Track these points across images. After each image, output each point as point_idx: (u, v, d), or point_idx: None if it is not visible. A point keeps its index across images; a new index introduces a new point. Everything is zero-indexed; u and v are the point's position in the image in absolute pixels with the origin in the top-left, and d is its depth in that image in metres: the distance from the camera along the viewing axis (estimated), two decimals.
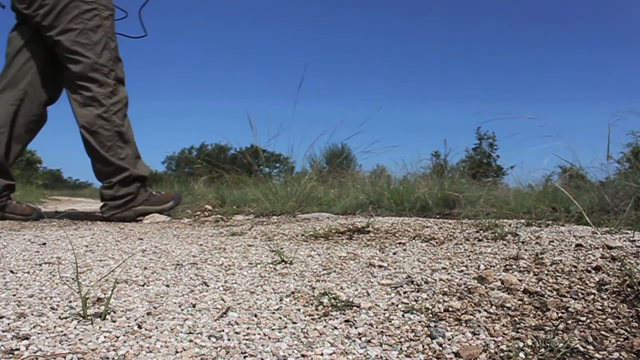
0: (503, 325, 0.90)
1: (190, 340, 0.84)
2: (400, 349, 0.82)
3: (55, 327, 0.89)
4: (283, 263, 1.41)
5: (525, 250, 1.41)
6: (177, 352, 0.79)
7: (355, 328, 0.90)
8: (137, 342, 0.82)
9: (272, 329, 0.90)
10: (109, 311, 0.97)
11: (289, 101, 3.87)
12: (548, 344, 0.80)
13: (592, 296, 1.02)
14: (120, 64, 2.54)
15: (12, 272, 1.35)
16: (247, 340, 0.84)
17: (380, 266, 1.34)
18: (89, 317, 0.93)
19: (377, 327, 0.90)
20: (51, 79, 2.56)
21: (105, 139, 2.53)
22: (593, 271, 1.16)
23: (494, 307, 0.99)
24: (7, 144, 2.53)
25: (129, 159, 2.64)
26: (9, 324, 0.91)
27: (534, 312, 0.96)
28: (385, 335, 0.87)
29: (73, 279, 1.26)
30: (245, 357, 0.78)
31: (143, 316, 0.96)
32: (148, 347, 0.80)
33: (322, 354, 0.79)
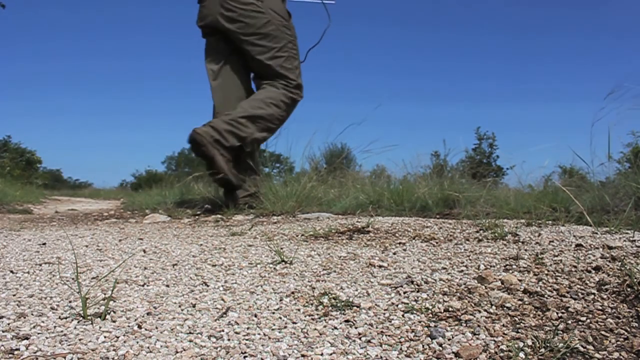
0: (503, 325, 0.90)
1: (190, 340, 0.84)
2: (400, 349, 0.82)
3: (55, 327, 0.89)
4: (283, 263, 1.41)
5: (525, 250, 1.41)
6: (177, 352, 0.79)
7: (355, 328, 0.90)
8: (137, 342, 0.82)
9: (272, 329, 0.90)
10: (109, 311, 0.97)
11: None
12: (548, 344, 0.80)
13: (592, 296, 1.02)
14: None
15: (12, 272, 1.35)
16: (247, 340, 0.85)
17: (380, 266, 1.34)
18: (89, 317, 0.93)
19: (377, 327, 0.90)
20: (249, 91, 2.86)
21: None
22: (593, 271, 1.16)
23: (494, 307, 0.99)
24: None
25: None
26: (9, 324, 0.91)
27: (534, 312, 0.96)
28: (385, 335, 0.87)
29: (73, 279, 1.26)
30: (245, 357, 0.78)
31: (143, 316, 0.96)
32: (148, 347, 0.80)
33: (322, 354, 0.79)
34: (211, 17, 2.56)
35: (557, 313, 0.95)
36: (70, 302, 1.05)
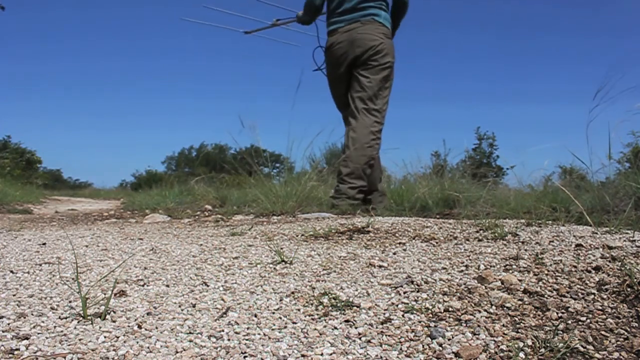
0: (503, 325, 0.90)
1: (190, 340, 0.84)
2: (400, 349, 0.82)
3: (55, 327, 0.89)
4: (283, 263, 1.41)
5: (525, 250, 1.41)
6: (177, 352, 0.79)
7: (355, 328, 0.90)
8: (137, 342, 0.82)
9: (272, 329, 0.90)
10: (109, 311, 0.97)
11: (289, 100, 3.89)
12: (548, 344, 0.80)
13: (592, 296, 1.02)
14: None
15: (12, 272, 1.35)
16: (247, 340, 0.85)
17: (380, 266, 1.34)
18: (89, 317, 0.93)
19: (377, 327, 0.90)
20: None
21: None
22: (593, 271, 1.16)
23: (494, 307, 0.99)
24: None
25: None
26: (9, 324, 0.91)
27: (534, 312, 0.96)
28: (385, 335, 0.87)
29: (73, 279, 1.26)
30: (245, 357, 0.78)
31: (143, 316, 0.96)
32: (148, 347, 0.80)
33: (322, 354, 0.79)
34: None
35: (557, 313, 0.95)
36: (70, 302, 1.05)
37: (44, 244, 1.88)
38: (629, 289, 1.02)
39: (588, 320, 0.91)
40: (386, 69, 2.58)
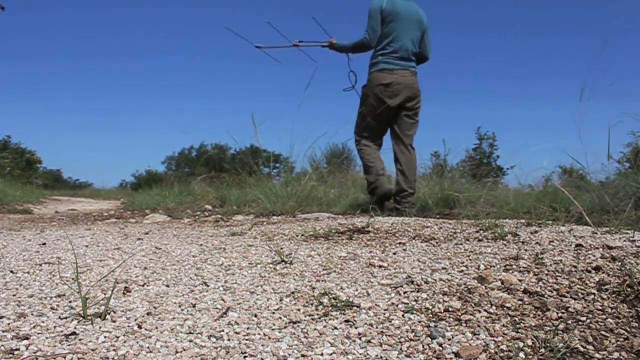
0: (503, 325, 0.90)
1: (190, 340, 0.84)
2: (400, 349, 0.82)
3: (55, 327, 0.89)
4: (283, 263, 1.41)
5: (525, 250, 1.41)
6: (177, 352, 0.79)
7: (355, 328, 0.90)
8: (137, 342, 0.82)
9: (272, 329, 0.90)
10: (109, 311, 0.97)
11: (288, 100, 3.91)
12: (548, 344, 0.80)
13: (592, 296, 1.02)
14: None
15: (12, 272, 1.35)
16: (247, 340, 0.85)
17: (380, 266, 1.34)
18: (89, 317, 0.93)
19: (377, 327, 0.90)
20: None
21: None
22: (593, 271, 1.16)
23: (494, 307, 0.99)
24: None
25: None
26: (9, 324, 0.91)
27: (534, 312, 0.96)
28: (385, 335, 0.87)
29: (73, 279, 1.26)
30: (245, 357, 0.78)
31: (143, 316, 0.96)
32: (148, 347, 0.80)
33: (322, 354, 0.79)
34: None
35: (557, 313, 0.95)
36: (70, 302, 1.05)
37: (44, 244, 1.88)
38: (629, 289, 1.02)
39: (588, 320, 0.91)
40: (419, 114, 3.22)
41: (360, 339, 0.85)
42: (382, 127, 3.13)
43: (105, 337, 0.84)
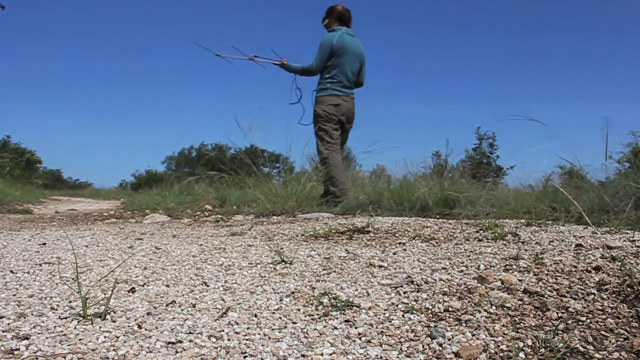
0: (503, 325, 0.90)
1: (190, 340, 0.84)
2: (400, 349, 0.82)
3: (55, 327, 0.89)
4: (283, 263, 1.41)
5: (525, 250, 1.41)
6: (177, 352, 0.79)
7: (355, 328, 0.90)
8: (137, 342, 0.82)
9: (272, 329, 0.90)
10: (109, 311, 0.97)
11: (287, 99, 3.97)
12: (548, 344, 0.80)
13: (592, 296, 1.02)
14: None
15: (12, 272, 1.35)
16: (247, 340, 0.85)
17: (380, 266, 1.34)
18: (89, 317, 0.93)
19: (377, 327, 0.90)
20: None
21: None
22: (593, 271, 1.16)
23: (494, 307, 0.99)
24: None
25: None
26: (9, 324, 0.91)
27: (534, 312, 0.96)
28: (385, 335, 0.87)
29: (73, 279, 1.26)
30: (245, 357, 0.78)
31: (143, 316, 0.96)
32: (148, 347, 0.80)
33: (322, 354, 0.79)
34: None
35: (557, 313, 0.95)
36: (70, 302, 1.05)
37: (44, 244, 1.88)
38: (629, 289, 1.02)
39: (588, 320, 0.91)
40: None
41: (360, 339, 0.86)
42: (339, 139, 3.63)
43: (105, 337, 0.84)
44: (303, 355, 0.78)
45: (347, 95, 3.62)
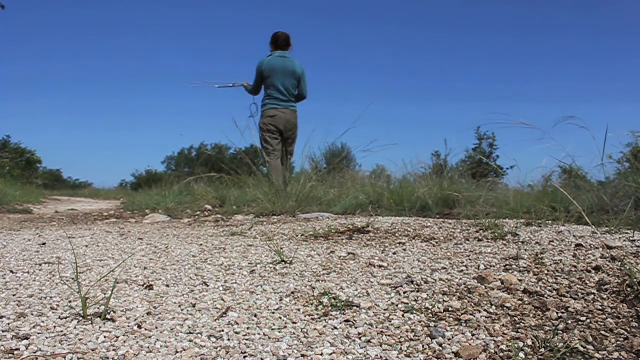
0: (503, 325, 0.90)
1: (190, 340, 0.84)
2: (400, 349, 0.82)
3: (55, 327, 0.89)
4: (283, 263, 1.41)
5: (525, 250, 1.41)
6: (177, 352, 0.79)
7: (355, 328, 0.90)
8: (137, 342, 0.82)
9: (272, 329, 0.90)
10: (109, 311, 0.97)
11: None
12: (548, 344, 0.80)
13: (592, 296, 1.02)
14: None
15: (12, 272, 1.35)
16: (247, 340, 0.85)
17: (380, 266, 1.34)
18: (89, 317, 0.93)
19: (377, 327, 0.90)
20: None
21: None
22: (593, 271, 1.16)
23: (494, 307, 0.99)
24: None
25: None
26: (9, 324, 0.91)
27: (534, 312, 0.96)
28: (385, 335, 0.87)
29: (73, 279, 1.26)
30: (245, 357, 0.78)
31: (143, 316, 0.96)
32: (148, 347, 0.80)
33: (322, 354, 0.79)
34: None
35: (557, 313, 0.95)
36: (70, 302, 1.05)
37: (44, 244, 1.88)
38: (629, 289, 1.02)
39: (588, 320, 0.91)
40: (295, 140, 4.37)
41: (360, 339, 0.86)
42: (279, 146, 4.10)
43: (105, 337, 0.84)
44: (303, 355, 0.78)
45: (285, 107, 4.14)
